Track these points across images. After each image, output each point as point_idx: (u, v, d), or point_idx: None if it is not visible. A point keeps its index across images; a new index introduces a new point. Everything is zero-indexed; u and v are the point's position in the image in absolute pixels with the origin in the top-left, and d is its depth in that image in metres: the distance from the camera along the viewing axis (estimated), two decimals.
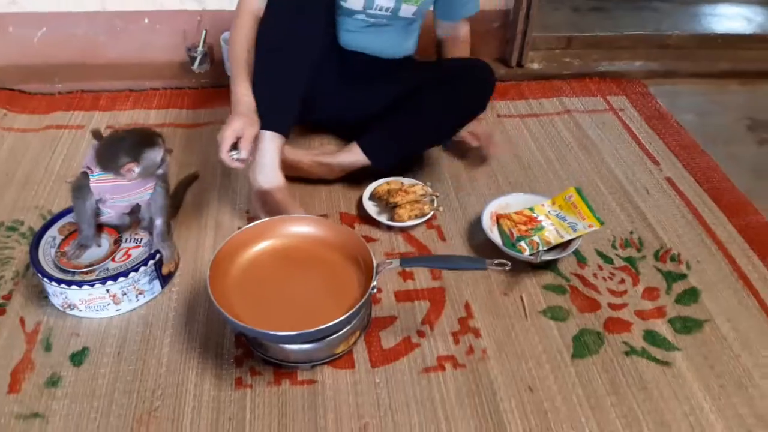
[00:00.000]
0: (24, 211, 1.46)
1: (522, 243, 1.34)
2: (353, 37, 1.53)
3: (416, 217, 1.41)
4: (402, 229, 1.43)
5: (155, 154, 1.15)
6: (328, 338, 1.10)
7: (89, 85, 1.89)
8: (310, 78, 1.37)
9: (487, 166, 1.67)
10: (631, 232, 1.47)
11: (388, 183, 1.50)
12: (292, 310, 1.11)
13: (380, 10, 1.47)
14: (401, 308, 1.26)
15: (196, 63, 1.94)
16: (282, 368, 1.13)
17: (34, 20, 1.87)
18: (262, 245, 1.23)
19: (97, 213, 1.22)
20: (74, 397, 1.08)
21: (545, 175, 1.64)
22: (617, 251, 1.41)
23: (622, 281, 1.34)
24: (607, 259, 1.39)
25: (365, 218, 1.46)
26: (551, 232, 1.36)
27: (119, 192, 1.18)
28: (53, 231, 1.28)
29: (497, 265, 1.08)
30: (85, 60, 1.95)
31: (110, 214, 1.23)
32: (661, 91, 2.02)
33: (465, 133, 1.62)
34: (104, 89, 1.89)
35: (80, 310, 1.21)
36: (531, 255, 1.32)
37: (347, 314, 1.05)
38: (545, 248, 1.33)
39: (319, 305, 1.11)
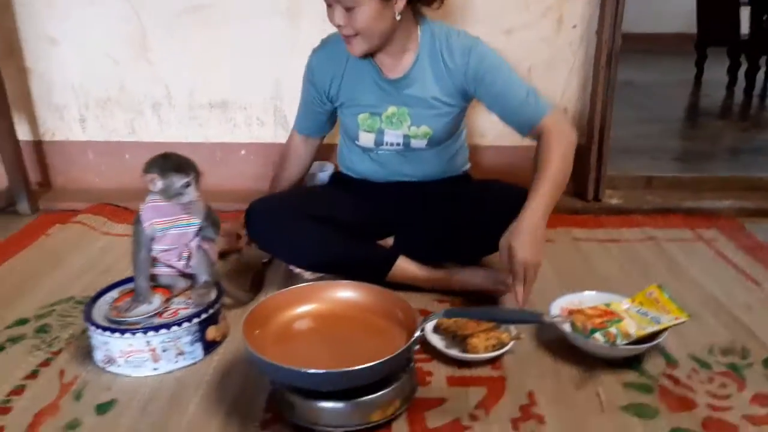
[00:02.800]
0: (95, 291, 1.51)
1: (597, 335, 1.18)
2: (383, 169, 1.54)
3: (493, 348, 1.19)
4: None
5: (177, 179, 1.20)
6: (362, 399, 0.98)
7: None
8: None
9: (559, 275, 1.56)
10: (732, 341, 1.26)
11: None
12: (327, 363, 1.01)
13: (391, 145, 1.48)
14: (452, 392, 1.11)
15: None
16: None
17: (147, 149, 2.08)
18: (305, 308, 1.18)
19: (153, 264, 1.25)
20: None
21: (624, 287, 1.49)
22: (716, 357, 1.21)
23: (724, 385, 1.12)
24: (704, 364, 1.18)
25: (430, 352, 1.23)
26: (630, 325, 1.20)
27: (159, 214, 1.22)
28: (114, 293, 1.30)
29: (555, 319, 0.96)
30: None
31: (161, 252, 1.25)
32: (759, 228, 1.87)
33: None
34: None
35: (119, 365, 1.17)
36: (607, 343, 1.15)
37: (383, 359, 0.94)
38: (624, 342, 1.17)
39: (356, 362, 1.00)
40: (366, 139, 1.49)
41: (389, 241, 1.53)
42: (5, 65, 2.03)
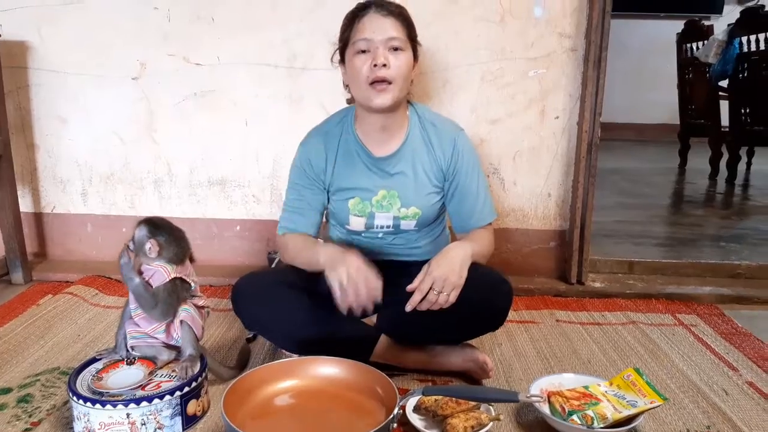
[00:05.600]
0: (80, 362, 1.52)
1: (574, 417, 1.19)
2: (370, 252, 1.52)
3: (473, 429, 1.20)
4: None
5: (141, 234, 1.32)
6: None
7: None
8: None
9: (541, 356, 1.58)
10: (708, 427, 1.27)
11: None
12: None
13: (381, 228, 1.51)
14: None
15: (273, 265, 2.12)
16: None
17: None
18: (286, 383, 1.20)
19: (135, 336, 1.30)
20: None
21: (606, 370, 1.52)
22: None
23: None
24: None
25: None
26: (608, 408, 1.21)
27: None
28: (99, 364, 1.32)
29: (532, 398, 0.98)
30: None
31: (135, 311, 1.31)
32: (738, 315, 1.90)
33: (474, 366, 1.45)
34: None
35: None
36: (584, 426, 1.17)
37: None
38: (601, 425, 1.18)
39: None
40: (357, 223, 1.51)
41: (373, 319, 1.56)
42: (16, 141, 2.14)
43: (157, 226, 1.32)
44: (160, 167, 2.19)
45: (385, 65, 1.35)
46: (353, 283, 1.28)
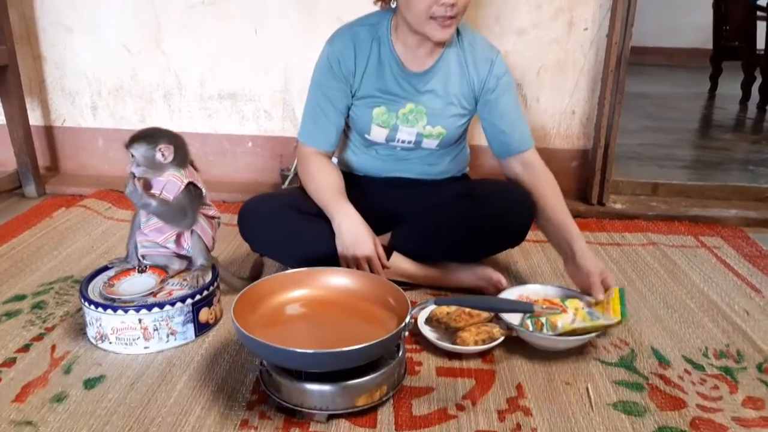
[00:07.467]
0: None
1: (527, 321, 1.20)
2: (384, 165, 1.52)
3: (483, 342, 1.19)
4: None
5: (142, 149, 1.23)
6: (349, 382, 0.98)
7: None
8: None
9: (557, 275, 1.55)
10: (727, 345, 1.24)
11: (448, 306, 1.27)
12: (316, 346, 1.02)
13: (403, 143, 1.46)
14: (441, 382, 1.11)
15: (286, 182, 2.09)
16: (295, 416, 1.00)
17: None
18: (297, 293, 1.18)
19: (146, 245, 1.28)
20: (73, 413, 1.01)
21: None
22: (710, 360, 1.19)
23: (716, 387, 1.10)
24: (698, 366, 1.17)
25: (421, 343, 1.24)
26: (564, 319, 1.18)
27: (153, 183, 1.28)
28: (111, 272, 1.31)
29: (547, 309, 0.95)
30: None
31: (146, 224, 1.29)
32: (763, 238, 1.84)
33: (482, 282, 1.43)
34: None
35: (110, 342, 1.18)
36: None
37: (371, 342, 0.94)
38: (551, 332, 1.16)
39: (346, 345, 1.00)
40: (378, 133, 1.45)
41: (386, 237, 1.53)
42: (21, 52, 2.06)
43: (148, 134, 1.25)
44: (169, 79, 2.12)
45: (454, 4, 1.23)
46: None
